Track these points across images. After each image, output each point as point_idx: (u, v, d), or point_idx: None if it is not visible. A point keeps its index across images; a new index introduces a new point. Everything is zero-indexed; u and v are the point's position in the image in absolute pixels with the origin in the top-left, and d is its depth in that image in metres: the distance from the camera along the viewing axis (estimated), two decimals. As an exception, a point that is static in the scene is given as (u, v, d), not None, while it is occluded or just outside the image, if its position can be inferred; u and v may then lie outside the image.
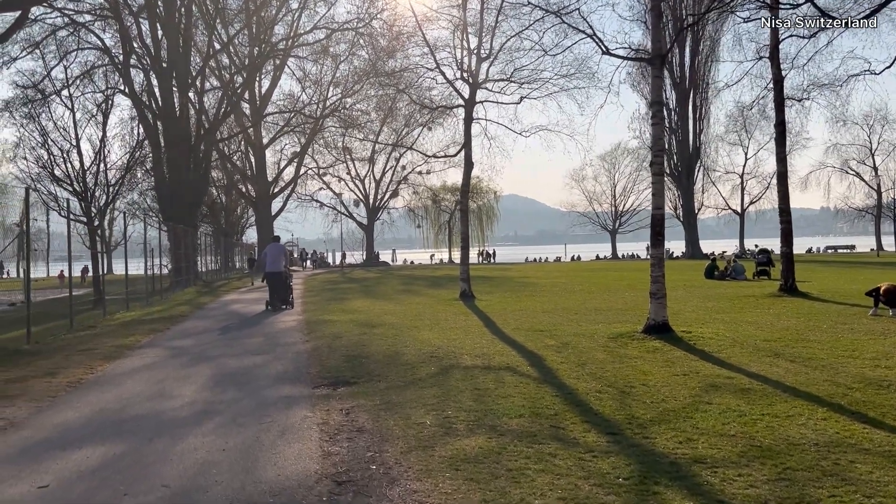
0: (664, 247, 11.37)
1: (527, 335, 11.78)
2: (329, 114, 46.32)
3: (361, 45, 37.90)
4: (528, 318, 14.55)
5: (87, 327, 15.26)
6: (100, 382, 8.59)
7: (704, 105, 64.21)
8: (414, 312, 16.18)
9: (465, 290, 19.88)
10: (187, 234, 30.80)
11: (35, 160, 23.84)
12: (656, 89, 11.17)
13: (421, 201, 73.31)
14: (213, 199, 55.09)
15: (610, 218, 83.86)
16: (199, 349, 11.31)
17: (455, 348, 10.46)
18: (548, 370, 8.71)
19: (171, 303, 22.25)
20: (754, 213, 77.50)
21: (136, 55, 33.44)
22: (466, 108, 20.32)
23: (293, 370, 9.22)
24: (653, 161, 11.21)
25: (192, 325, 15.03)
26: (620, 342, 10.78)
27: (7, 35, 13.16)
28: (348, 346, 11.02)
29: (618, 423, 6.21)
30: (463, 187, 20.28)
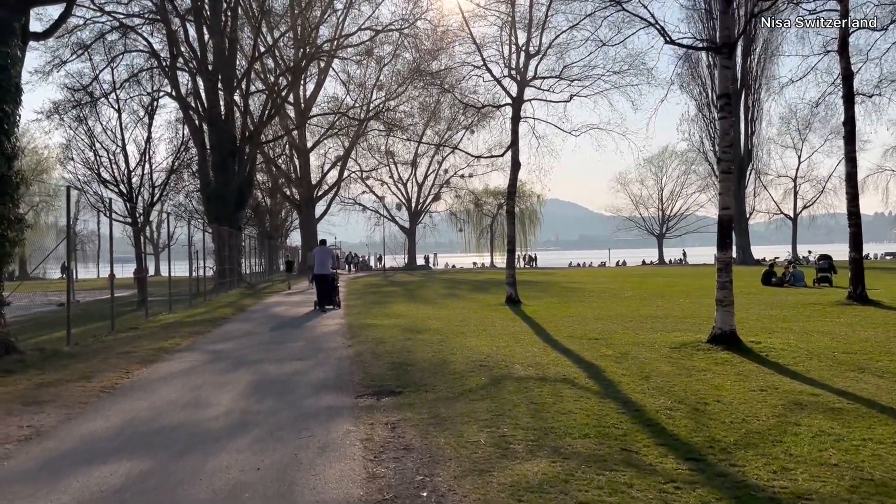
0: (732, 250, 10.54)
1: (581, 344, 11.08)
2: (373, 116, 46.09)
3: (405, 47, 37.53)
4: (580, 325, 13.82)
5: (129, 329, 15.05)
6: (134, 388, 8.19)
7: (757, 106, 62.27)
8: (459, 318, 15.58)
9: (512, 294, 19.21)
10: (231, 237, 30.78)
11: (82, 162, 24.00)
12: (724, 80, 10.38)
13: (463, 205, 72.72)
14: (258, 201, 55.45)
15: (656, 222, 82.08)
16: (239, 353, 10.90)
17: (505, 357, 9.82)
18: (609, 383, 8.02)
19: (214, 305, 22.08)
20: (807, 218, 75.06)
21: (182, 58, 33.60)
22: (514, 107, 19.66)
23: (335, 378, 8.70)
24: (720, 158, 10.40)
25: (234, 328, 14.69)
26: (684, 353, 10.01)
27: (52, 30, 12.98)
28: (392, 352, 10.47)
29: (697, 446, 5.51)
30: (509, 188, 19.62)
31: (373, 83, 48.02)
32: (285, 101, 41.66)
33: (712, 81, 62.68)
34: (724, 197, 10.41)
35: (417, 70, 35.27)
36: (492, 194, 72.79)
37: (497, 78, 19.79)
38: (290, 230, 64.05)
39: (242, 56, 37.81)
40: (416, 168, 64.72)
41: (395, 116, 46.02)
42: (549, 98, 20.22)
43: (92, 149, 23.84)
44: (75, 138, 25.00)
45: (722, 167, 10.39)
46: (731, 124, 10.37)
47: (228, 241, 30.07)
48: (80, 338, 13.33)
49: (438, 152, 64.84)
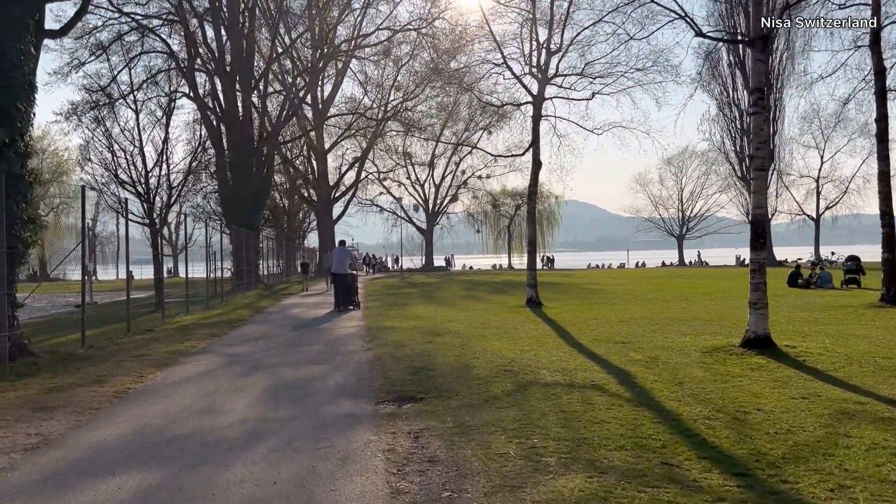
0: (765, 251, 10.11)
1: (608, 348, 10.69)
2: (390, 116, 45.88)
3: (423, 47, 37.25)
4: (605, 328, 13.43)
5: (145, 331, 14.87)
6: (147, 393, 7.94)
7: (779, 105, 61.30)
8: (480, 320, 15.24)
9: (532, 296, 18.83)
10: (249, 238, 30.66)
11: (100, 163, 23.94)
12: (758, 74, 9.96)
13: (480, 206, 72.29)
14: (276, 203, 55.45)
15: (676, 223, 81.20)
16: (256, 357, 10.63)
17: (530, 361, 9.47)
18: (640, 390, 7.64)
19: (231, 306, 21.90)
20: (829, 218, 73.86)
21: (200, 59, 33.59)
22: (535, 105, 19.28)
23: (354, 382, 8.40)
24: (753, 155, 9.99)
25: (251, 331, 14.45)
26: (717, 357, 9.60)
27: (68, 27, 12.81)
28: (413, 356, 10.16)
29: (743, 460, 5.13)
30: (530, 188, 19.24)
31: (390, 84, 47.86)
32: (303, 101, 41.56)
33: (733, 80, 62.01)
34: (757, 196, 9.98)
35: (436, 70, 35.04)
36: (509, 195, 72.33)
37: (517, 76, 19.45)
38: (308, 231, 64.05)
39: (260, 57, 37.77)
40: (433, 169, 64.49)
41: (412, 116, 45.78)
42: (571, 96, 19.84)
43: (110, 150, 23.76)
44: (93, 139, 24.94)
45: (755, 164, 9.97)
46: (764, 120, 9.95)
47: (246, 242, 29.94)
48: (95, 340, 13.14)
49: (456, 153, 64.58)
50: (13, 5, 9.83)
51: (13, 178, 9.69)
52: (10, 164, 9.54)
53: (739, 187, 64.93)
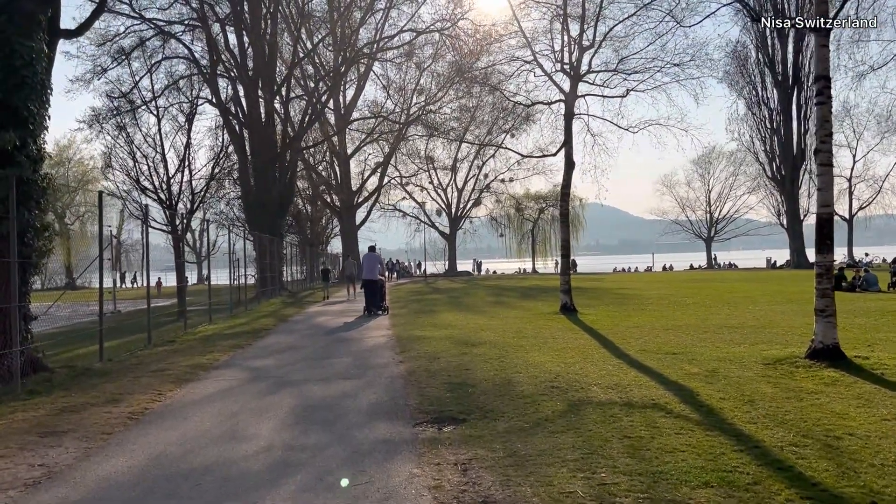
0: (833, 253, 9.26)
1: (659, 360, 9.89)
2: (413, 120, 45.29)
3: (447, 48, 36.62)
4: (650, 336, 12.61)
5: (166, 342, 14.31)
6: (165, 415, 7.30)
7: (809, 104, 59.69)
8: (514, 328, 14.48)
9: (567, 303, 18.03)
10: (273, 244, 30.18)
11: (121, 169, 23.59)
12: (822, 60, 9.12)
13: (503, 210, 71.51)
14: (299, 209, 55.13)
15: (704, 225, 79.73)
16: (282, 371, 9.98)
17: (577, 376, 8.70)
18: (708, 409, 6.86)
19: (255, 314, 21.35)
20: (862, 219, 72.05)
21: (222, 64, 33.25)
22: (566, 103, 18.51)
23: (388, 401, 7.69)
24: (819, 149, 9.15)
25: (275, 341, 13.83)
26: (782, 370, 8.76)
27: (84, 27, 12.34)
28: (448, 369, 9.43)
29: (855, 500, 4.34)
30: (563, 189, 18.45)
31: (413, 87, 47.33)
32: (325, 106, 41.13)
33: (762, 79, 60.57)
34: (823, 193, 9.13)
35: (459, 71, 34.39)
36: (533, 199, 71.56)
37: (548, 73, 18.69)
38: (331, 237, 63.70)
39: (282, 62, 37.40)
40: (455, 173, 63.90)
41: (436, 119, 45.18)
42: (604, 94, 19.04)
43: (132, 156, 23.38)
44: (116, 146, 24.60)
45: (820, 159, 9.12)
46: (829, 110, 9.10)
47: (269, 248, 29.46)
48: (115, 352, 12.60)
49: (479, 156, 63.93)
50: (25, 1, 9.31)
51: (25, 183, 9.15)
52: (21, 168, 9.00)
53: (770, 188, 63.47)
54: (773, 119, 60.55)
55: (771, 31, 58.98)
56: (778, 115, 60.02)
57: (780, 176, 60.62)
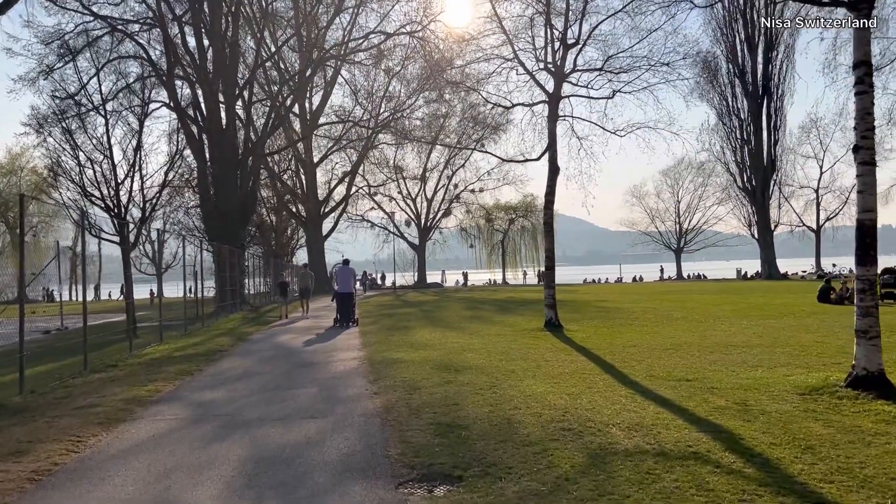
0: (876, 265, 8.04)
1: (674, 388, 8.56)
2: (383, 125, 43.83)
3: (418, 52, 35.27)
4: (653, 358, 11.30)
5: (106, 367, 12.57)
6: (77, 476, 5.71)
7: (779, 114, 59.82)
8: (499, 349, 13.06)
9: (552, 318, 16.70)
10: (233, 255, 28.35)
11: (64, 174, 21.64)
12: (862, 44, 7.93)
13: (473, 220, 70.43)
14: (263, 218, 53.15)
15: (673, 236, 79.52)
16: (234, 407, 8.41)
17: (588, 412, 7.31)
18: (762, 460, 5.51)
19: (212, 332, 19.61)
20: (830, 229, 72.47)
21: (180, 65, 31.42)
22: (550, 104, 17.27)
23: (363, 450, 6.20)
24: (859, 145, 7.94)
25: (230, 366, 12.20)
26: (824, 403, 7.49)
27: (6, 6, 10.62)
28: (433, 403, 7.97)
29: None
30: (547, 196, 17.13)
31: (382, 93, 45.90)
32: (290, 110, 39.48)
33: (732, 89, 60.45)
34: (865, 196, 7.93)
35: (431, 75, 33.12)
36: (503, 209, 70.68)
37: (530, 72, 17.43)
38: (297, 248, 61.78)
39: (244, 64, 35.69)
40: (425, 183, 62.60)
41: (407, 124, 43.82)
42: (590, 94, 17.84)
43: (76, 161, 21.46)
44: (61, 150, 22.65)
45: (861, 157, 7.92)
46: (871, 101, 7.91)
47: (229, 260, 27.64)
48: (42, 381, 10.88)
49: (448, 166, 62.70)
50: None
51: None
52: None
53: (741, 198, 63.25)
54: (743, 129, 60.46)
55: (742, 42, 58.98)
56: (748, 125, 59.94)
57: (751, 187, 60.48)
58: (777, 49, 58.89)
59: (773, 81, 59.12)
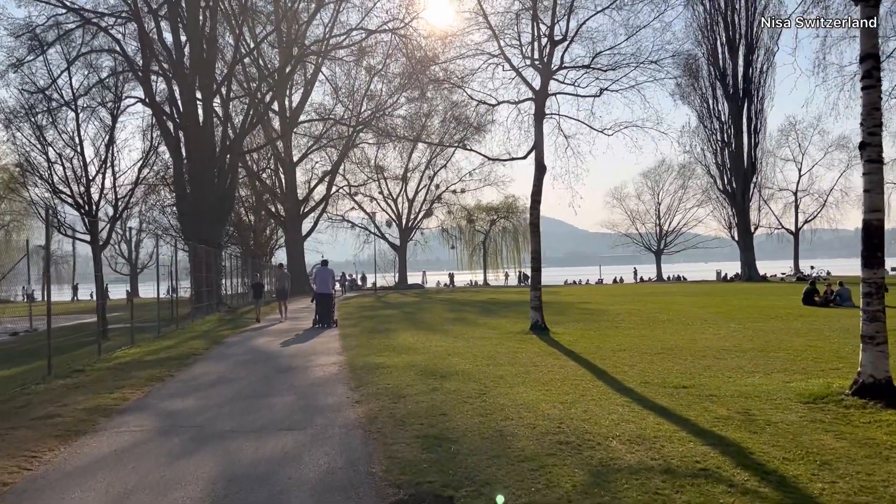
0: (883, 268, 7.69)
1: (671, 396, 8.15)
2: (364, 123, 43.24)
3: (399, 51, 34.77)
4: (644, 363, 10.91)
5: (72, 372, 11.92)
6: (26, 498, 5.16)
7: (760, 117, 60.06)
8: (485, 353, 12.61)
9: (538, 321, 16.29)
10: (210, 255, 27.63)
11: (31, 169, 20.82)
12: (869, 36, 7.58)
13: (455, 221, 70.00)
14: (241, 217, 52.29)
15: (654, 238, 79.66)
16: (205, 417, 7.86)
17: (585, 423, 6.87)
18: (778, 478, 5.11)
19: (186, 334, 18.95)
20: (808, 232, 73.02)
21: (156, 60, 30.65)
22: (537, 101, 16.86)
23: (344, 466, 5.71)
24: (866, 142, 7.59)
25: (204, 371, 11.62)
26: (833, 413, 7.12)
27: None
28: (419, 413, 7.49)
29: None
30: (534, 196, 16.71)
31: (363, 92, 45.31)
32: (269, 108, 38.79)
33: (714, 92, 60.63)
34: (871, 196, 7.57)
35: (413, 73, 32.66)
36: (484, 210, 70.35)
37: (516, 67, 17.00)
38: (276, 248, 60.93)
39: (222, 60, 34.96)
40: (406, 183, 62.02)
41: (389, 122, 43.28)
42: (575, 93, 17.48)
43: (46, 157, 20.66)
44: (31, 146, 21.81)
45: (868, 154, 7.57)
46: (879, 96, 7.57)
47: (206, 260, 26.93)
48: (2, 387, 10.24)
49: (430, 167, 62.21)
50: None
51: None
52: None
53: (721, 200, 63.46)
54: (724, 132, 60.65)
55: (722, 44, 59.13)
56: (729, 127, 60.13)
57: (731, 189, 60.66)
58: (757, 52, 59.14)
59: (753, 84, 59.34)
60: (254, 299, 24.82)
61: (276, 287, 24.74)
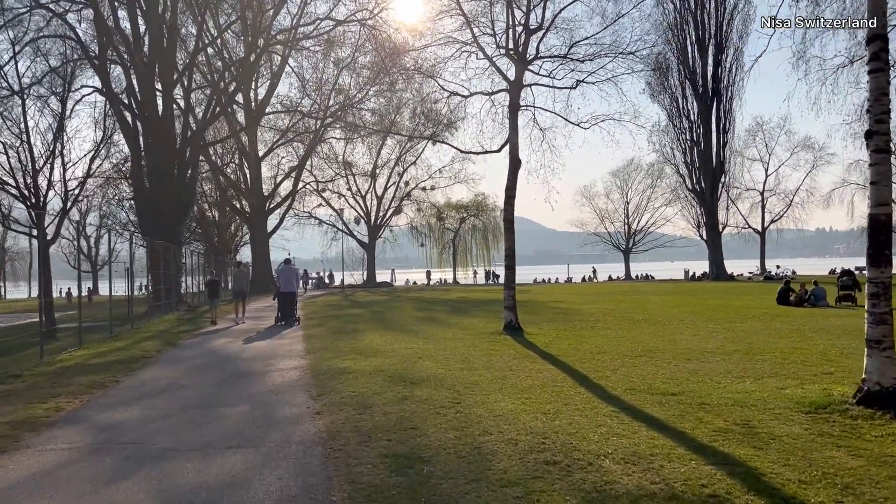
0: (892, 266, 7.14)
1: (662, 405, 7.51)
2: (332, 115, 42.22)
3: (369, 41, 33.84)
4: (627, 368, 10.27)
5: (6, 377, 10.90)
6: None
7: (729, 117, 60.32)
8: (458, 355, 11.87)
9: (512, 321, 15.63)
10: (168, 251, 26.45)
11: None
12: (878, 13, 7.01)
13: (425, 219, 69.26)
14: (205, 214, 50.88)
15: (622, 237, 79.81)
16: (145, 432, 7.00)
17: (573, 439, 6.17)
18: None
19: (140, 335, 17.91)
20: (774, 231, 73.77)
21: (114, 48, 29.35)
22: (511, 93, 16.18)
23: (301, 494, 4.94)
24: (873, 130, 7.02)
25: (153, 377, 10.70)
26: (839, 424, 6.53)
27: None
28: (387, 427, 6.72)
29: None
30: (508, 191, 16.01)
31: (331, 86, 44.24)
32: (233, 99, 37.52)
33: (683, 91, 60.74)
34: (878, 189, 7.01)
35: (382, 65, 31.86)
36: (454, 208, 69.74)
37: (490, 57, 16.30)
38: (241, 245, 59.47)
39: (184, 50, 33.70)
40: (375, 180, 61.02)
41: (356, 116, 42.32)
42: (553, 84, 16.85)
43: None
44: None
45: (875, 143, 7.00)
46: (887, 80, 7.01)
47: (164, 256, 25.76)
48: (-78, 396, 9.21)
49: (399, 163, 61.28)
50: None
51: None
52: None
53: (690, 199, 63.70)
54: (693, 131, 60.79)
55: (692, 43, 59.21)
56: (698, 126, 60.28)
57: (700, 188, 60.84)
58: (727, 51, 59.37)
59: (722, 83, 59.57)
60: (209, 299, 22.60)
61: (235, 287, 22.62)
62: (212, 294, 22.23)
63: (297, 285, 20.89)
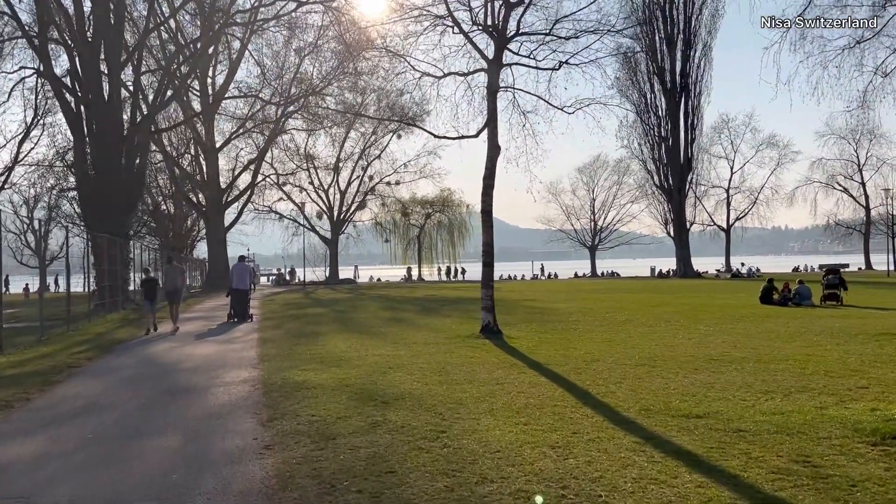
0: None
1: (691, 432, 6.15)
2: (294, 102, 40.31)
3: (333, 25, 32.06)
4: (630, 379, 8.93)
5: None
6: None
7: (696, 113, 59.94)
8: (435, 365, 10.39)
9: (490, 323, 14.22)
10: (114, 246, 24.42)
11: None
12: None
13: (389, 214, 67.54)
14: (159, 206, 48.40)
15: (588, 234, 79.17)
16: (39, 478, 5.36)
17: (598, 488, 4.74)
18: None
19: (74, 338, 16.05)
20: (739, 229, 73.98)
21: (54, 25, 27.15)
22: (490, 73, 14.75)
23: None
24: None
25: (71, 394, 8.99)
26: (920, 460, 5.23)
27: None
28: (356, 471, 5.19)
29: None
30: (486, 179, 14.55)
31: (293, 74, 42.29)
32: (187, 83, 35.40)
33: (651, 87, 60.13)
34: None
35: (347, 54, 30.26)
36: (420, 203, 68.16)
37: (466, 32, 14.83)
38: (199, 241, 57.01)
39: (135, 29, 31.53)
40: (338, 174, 59.06)
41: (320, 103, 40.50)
42: (531, 65, 15.48)
43: None
44: None
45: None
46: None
47: (109, 251, 23.75)
48: None
49: (364, 157, 59.48)
50: None
51: None
52: None
53: (657, 196, 63.24)
54: (661, 127, 60.26)
55: (661, 39, 58.61)
56: (666, 122, 59.77)
57: (668, 185, 60.37)
58: (695, 47, 58.96)
59: (690, 79, 59.15)
60: (145, 301, 17.79)
61: (166, 287, 18.51)
62: (148, 296, 17.58)
63: (249, 282, 21.05)
